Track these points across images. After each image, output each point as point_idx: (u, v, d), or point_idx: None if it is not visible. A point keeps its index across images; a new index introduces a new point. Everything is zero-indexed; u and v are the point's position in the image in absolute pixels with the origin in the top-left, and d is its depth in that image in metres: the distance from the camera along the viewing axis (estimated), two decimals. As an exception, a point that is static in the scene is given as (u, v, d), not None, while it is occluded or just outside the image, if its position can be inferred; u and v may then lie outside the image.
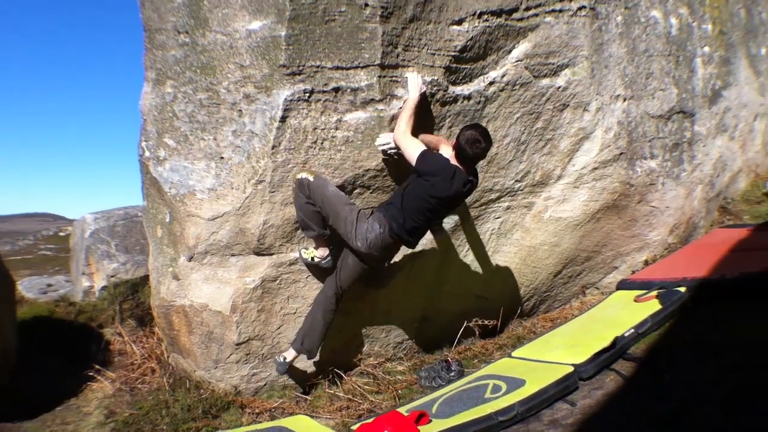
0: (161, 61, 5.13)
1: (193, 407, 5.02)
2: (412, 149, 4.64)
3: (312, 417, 4.85)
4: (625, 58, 6.36)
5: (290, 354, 5.10)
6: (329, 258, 4.98)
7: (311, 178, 4.71)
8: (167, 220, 5.35)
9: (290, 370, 5.26)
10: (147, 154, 5.24)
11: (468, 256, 5.92)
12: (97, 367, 5.87)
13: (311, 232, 4.86)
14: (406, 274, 5.55)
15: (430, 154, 4.66)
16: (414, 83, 4.88)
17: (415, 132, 4.76)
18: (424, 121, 5.02)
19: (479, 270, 6.01)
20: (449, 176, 4.62)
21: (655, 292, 5.50)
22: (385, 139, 4.89)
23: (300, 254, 5.02)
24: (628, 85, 6.36)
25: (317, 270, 5.08)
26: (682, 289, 5.43)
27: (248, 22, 4.72)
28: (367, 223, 4.64)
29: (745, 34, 9.28)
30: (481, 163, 5.38)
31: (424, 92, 4.97)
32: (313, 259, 4.97)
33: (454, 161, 4.69)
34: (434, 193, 4.61)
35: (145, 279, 7.86)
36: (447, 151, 4.76)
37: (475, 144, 4.64)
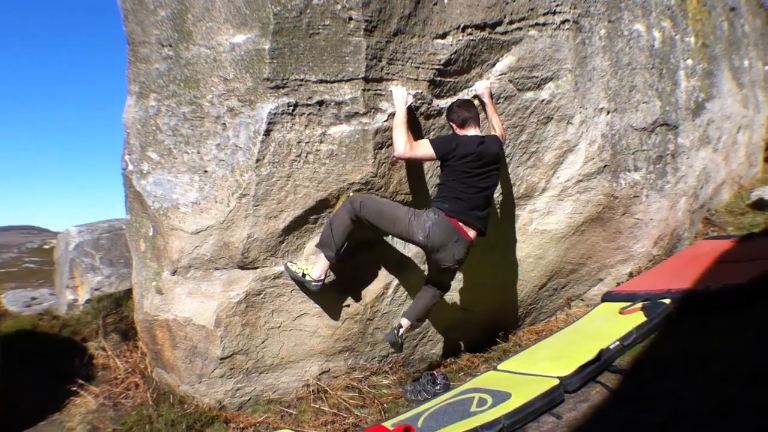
0: (145, 75, 5.12)
1: (177, 422, 4.97)
2: (423, 150, 4.90)
3: (297, 432, 4.84)
4: (608, 71, 6.39)
5: (405, 322, 5.28)
6: (321, 284, 4.95)
7: (363, 197, 4.92)
8: (151, 233, 5.32)
9: (274, 384, 5.27)
10: (130, 167, 5.21)
11: (453, 269, 5.90)
12: (81, 381, 5.80)
13: (329, 252, 4.88)
14: (393, 288, 5.56)
15: (436, 139, 5.06)
16: (399, 97, 4.92)
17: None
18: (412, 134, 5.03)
19: (465, 283, 6.00)
20: (464, 140, 4.92)
21: (640, 304, 5.50)
22: (482, 88, 5.53)
23: (287, 267, 5.00)
24: (611, 98, 6.39)
25: (303, 285, 5.05)
26: (667, 301, 5.43)
27: (232, 36, 4.72)
28: (424, 215, 4.87)
29: (728, 47, 9.36)
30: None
31: (410, 105, 5.00)
32: (304, 275, 4.94)
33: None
34: (464, 159, 4.84)
35: (130, 292, 7.79)
36: None
37: (466, 104, 5.15)
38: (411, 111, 5.04)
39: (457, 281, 5.88)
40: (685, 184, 7.58)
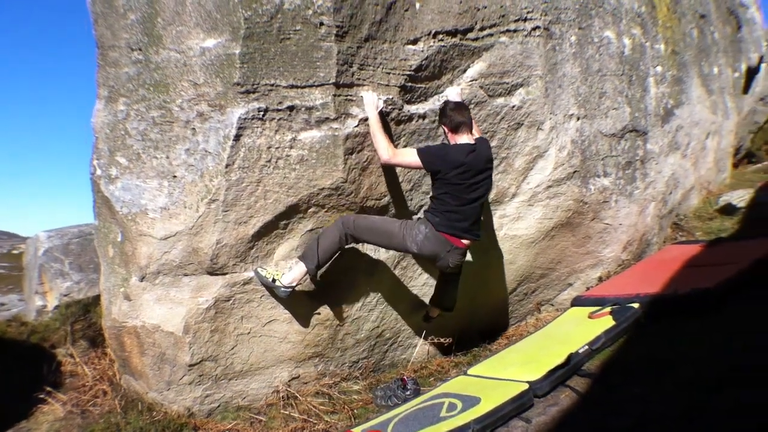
0: (114, 79, 5.06)
1: (145, 430, 4.91)
2: (409, 158, 4.96)
3: (266, 438, 4.82)
4: (578, 78, 6.45)
5: (431, 312, 5.86)
6: (290, 290, 4.92)
7: (354, 216, 5.02)
8: (119, 239, 5.27)
9: (243, 390, 5.26)
10: (99, 172, 5.16)
11: (423, 276, 5.93)
12: (48, 388, 5.73)
13: (309, 264, 4.89)
14: (362, 291, 5.55)
15: (424, 149, 4.98)
16: (369, 102, 4.93)
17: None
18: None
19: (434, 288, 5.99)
20: (453, 150, 4.92)
21: (608, 309, 5.54)
22: (453, 94, 5.46)
23: (256, 272, 4.97)
24: (581, 105, 6.45)
25: (272, 291, 5.03)
26: (636, 306, 5.47)
27: (202, 40, 4.68)
28: (416, 228, 4.94)
29: (698, 54, 9.48)
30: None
31: (381, 110, 5.01)
32: (274, 280, 4.91)
33: (451, 140, 5.06)
34: (455, 171, 4.83)
35: (98, 298, 7.72)
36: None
37: (460, 108, 5.08)
38: (383, 115, 5.06)
39: (428, 287, 5.91)
40: (654, 189, 7.65)
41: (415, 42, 5.21)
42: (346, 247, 5.06)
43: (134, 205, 4.98)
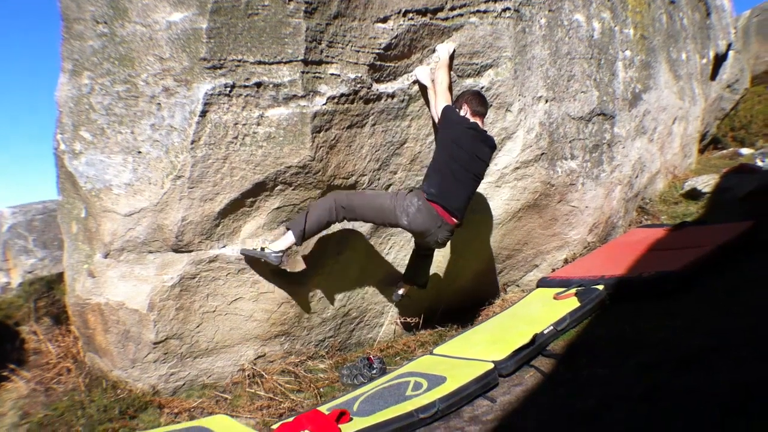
0: (78, 52, 4.97)
1: (109, 408, 4.89)
2: (439, 103, 5.24)
3: (232, 416, 4.79)
4: (547, 60, 6.46)
5: (402, 288, 5.85)
6: (282, 255, 4.89)
7: (347, 192, 5.10)
8: (83, 215, 5.20)
9: (209, 368, 5.24)
10: (62, 147, 5.07)
11: (391, 255, 5.93)
12: (12, 366, 5.68)
13: (296, 227, 4.89)
14: (330, 270, 5.54)
15: (451, 108, 5.18)
16: (444, 48, 5.46)
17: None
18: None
19: (402, 268, 6.00)
20: (466, 125, 5.10)
21: (574, 290, 5.59)
22: (422, 73, 5.48)
23: (243, 251, 4.97)
24: (550, 87, 6.46)
25: (260, 260, 4.98)
26: (601, 287, 5.53)
27: (169, 14, 4.62)
28: (407, 199, 4.96)
29: (666, 39, 9.54)
30: (404, 162, 5.47)
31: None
32: (262, 249, 4.89)
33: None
34: (457, 144, 5.03)
35: (62, 275, 7.65)
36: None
37: (483, 98, 5.39)
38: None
39: (396, 265, 5.92)
40: (620, 173, 7.72)
41: (384, 20, 5.18)
42: (337, 223, 5.12)
43: (98, 180, 4.91)
